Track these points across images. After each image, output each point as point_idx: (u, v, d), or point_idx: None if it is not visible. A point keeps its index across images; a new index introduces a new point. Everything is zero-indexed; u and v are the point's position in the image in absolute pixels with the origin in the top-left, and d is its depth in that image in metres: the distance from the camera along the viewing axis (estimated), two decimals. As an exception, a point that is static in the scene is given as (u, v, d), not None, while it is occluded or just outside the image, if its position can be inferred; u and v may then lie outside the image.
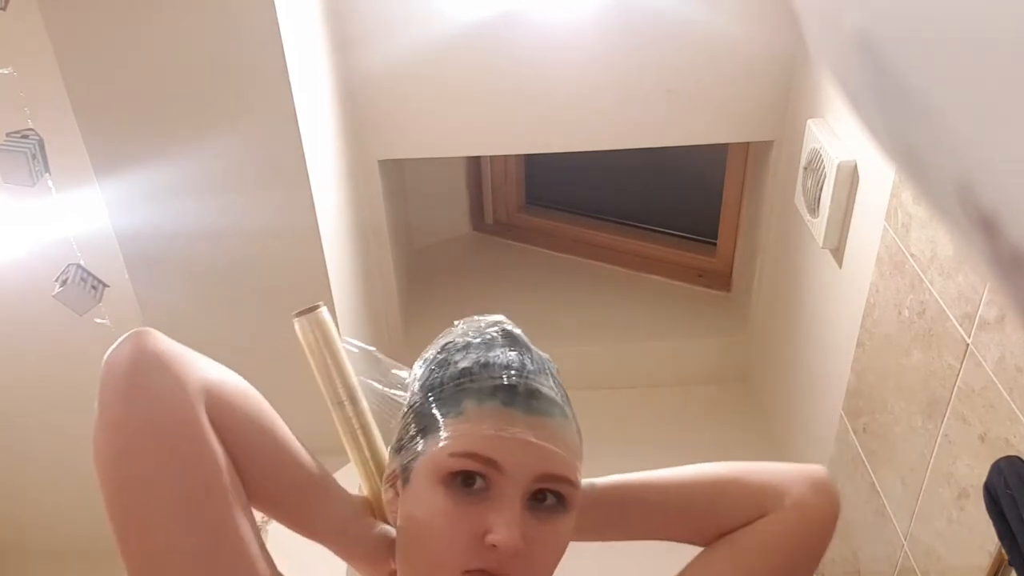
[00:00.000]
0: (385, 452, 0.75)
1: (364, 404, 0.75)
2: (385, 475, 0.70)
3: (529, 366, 0.66)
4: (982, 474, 1.16)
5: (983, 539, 1.22)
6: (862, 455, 1.69)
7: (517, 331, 0.71)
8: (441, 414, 0.65)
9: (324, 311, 0.75)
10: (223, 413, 0.64)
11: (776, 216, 2.23)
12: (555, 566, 0.66)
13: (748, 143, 2.35)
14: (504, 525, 0.60)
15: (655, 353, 2.55)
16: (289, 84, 1.51)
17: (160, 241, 1.66)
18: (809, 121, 1.85)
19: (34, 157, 1.39)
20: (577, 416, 0.70)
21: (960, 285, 1.27)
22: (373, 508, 0.74)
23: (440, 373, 0.68)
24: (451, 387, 0.66)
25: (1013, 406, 1.15)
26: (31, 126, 1.43)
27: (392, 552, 0.70)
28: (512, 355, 0.67)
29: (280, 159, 1.61)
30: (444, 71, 2.02)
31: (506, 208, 2.96)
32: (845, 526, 1.79)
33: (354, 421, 0.75)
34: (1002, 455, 1.14)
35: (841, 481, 1.80)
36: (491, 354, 0.67)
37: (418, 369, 0.71)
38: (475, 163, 2.86)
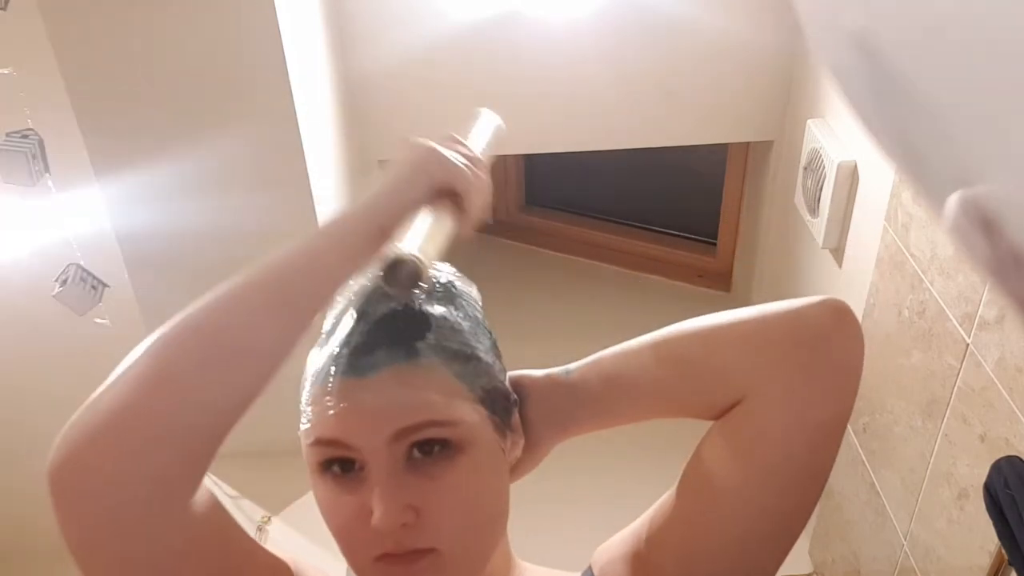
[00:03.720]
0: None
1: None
2: None
3: (368, 316, 0.59)
4: (982, 474, 1.16)
5: (983, 539, 1.22)
6: (862, 455, 1.69)
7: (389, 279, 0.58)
8: (302, 401, 0.61)
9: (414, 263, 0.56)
10: None
11: (776, 216, 2.23)
12: (484, 510, 0.60)
13: (748, 143, 2.35)
14: (377, 506, 0.54)
15: (655, 353, 2.55)
16: (289, 84, 1.51)
17: (160, 241, 1.66)
18: (809, 121, 1.85)
19: (34, 157, 1.39)
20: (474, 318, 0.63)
21: (960, 285, 1.27)
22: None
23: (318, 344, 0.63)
24: (308, 367, 0.61)
25: (1013, 406, 1.15)
26: (31, 126, 1.43)
27: None
28: (355, 311, 0.60)
29: (280, 159, 1.60)
30: (444, 71, 2.01)
31: (506, 208, 2.96)
32: (845, 525, 1.79)
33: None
34: (1002, 455, 1.14)
35: (841, 481, 1.80)
36: (337, 311, 0.61)
37: None
38: (475, 163, 2.86)
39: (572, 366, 0.66)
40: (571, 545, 0.73)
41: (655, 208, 2.83)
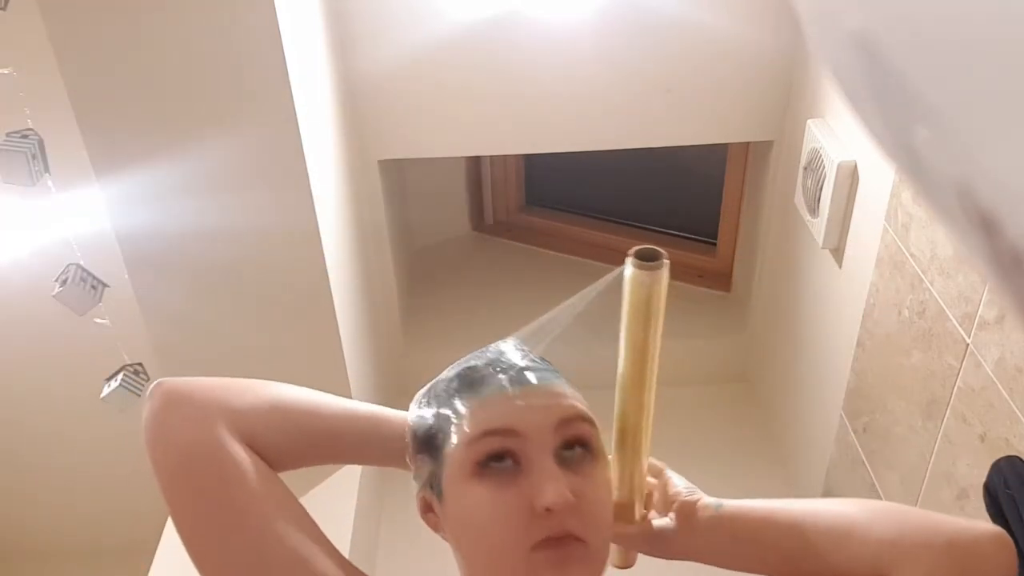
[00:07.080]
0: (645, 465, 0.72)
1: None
2: (417, 505, 0.70)
3: (509, 352, 0.70)
4: (982, 474, 1.16)
5: (983, 539, 1.22)
6: (862, 455, 1.69)
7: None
8: (445, 421, 0.68)
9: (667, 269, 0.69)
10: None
11: (776, 216, 2.23)
12: (607, 517, 0.67)
13: (748, 143, 2.35)
14: (549, 485, 0.61)
15: (655, 353, 2.54)
16: (289, 84, 1.51)
17: (160, 241, 1.66)
18: (809, 121, 1.85)
19: (34, 157, 1.39)
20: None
21: (960, 285, 1.27)
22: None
23: (434, 400, 0.70)
24: (445, 398, 0.69)
25: (1013, 406, 1.15)
26: (31, 126, 1.43)
27: None
28: (489, 356, 0.70)
29: (280, 159, 1.60)
30: (444, 71, 2.01)
31: (506, 208, 2.96)
32: (845, 526, 1.79)
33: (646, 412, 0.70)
34: (1002, 455, 1.14)
35: (841, 482, 1.80)
36: (471, 364, 0.71)
37: (415, 411, 0.72)
38: (475, 163, 2.86)
39: (725, 502, 0.70)
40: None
41: (655, 208, 2.83)
